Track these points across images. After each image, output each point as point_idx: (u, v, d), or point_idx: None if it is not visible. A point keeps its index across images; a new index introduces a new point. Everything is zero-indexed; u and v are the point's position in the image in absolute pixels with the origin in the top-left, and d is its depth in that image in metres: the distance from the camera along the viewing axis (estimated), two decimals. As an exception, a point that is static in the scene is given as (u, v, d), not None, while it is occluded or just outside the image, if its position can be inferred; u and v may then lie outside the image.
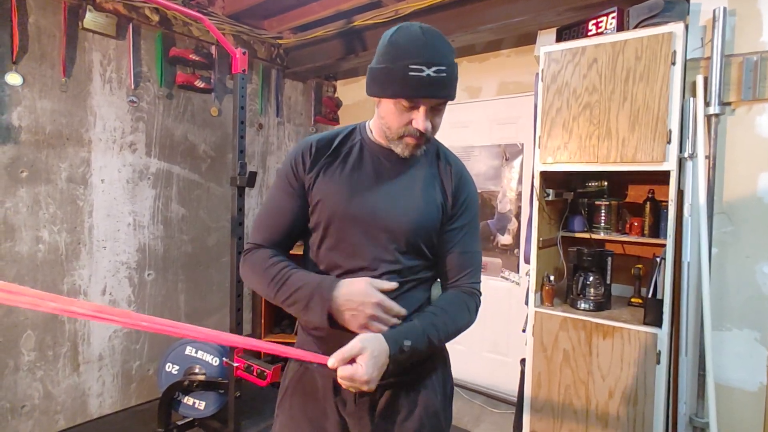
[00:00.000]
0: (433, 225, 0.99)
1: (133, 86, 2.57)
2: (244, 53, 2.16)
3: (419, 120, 0.89)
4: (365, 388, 0.82)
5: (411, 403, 0.99)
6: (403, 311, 0.91)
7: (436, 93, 0.87)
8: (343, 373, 0.81)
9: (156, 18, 2.65)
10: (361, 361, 0.81)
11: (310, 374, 1.00)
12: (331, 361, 0.82)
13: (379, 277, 0.93)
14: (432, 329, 0.91)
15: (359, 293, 0.87)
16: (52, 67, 2.28)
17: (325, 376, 0.97)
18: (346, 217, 0.94)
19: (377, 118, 0.98)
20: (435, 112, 0.91)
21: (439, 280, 1.06)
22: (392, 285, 0.91)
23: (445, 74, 0.86)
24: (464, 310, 0.98)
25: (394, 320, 0.89)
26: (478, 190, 3.04)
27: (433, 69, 0.85)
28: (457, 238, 1.02)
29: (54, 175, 2.31)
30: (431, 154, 1.05)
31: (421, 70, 0.84)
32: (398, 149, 0.94)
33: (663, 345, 1.78)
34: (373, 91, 0.93)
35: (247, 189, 2.24)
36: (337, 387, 0.96)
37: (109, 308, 0.71)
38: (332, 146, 1.00)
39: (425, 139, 0.93)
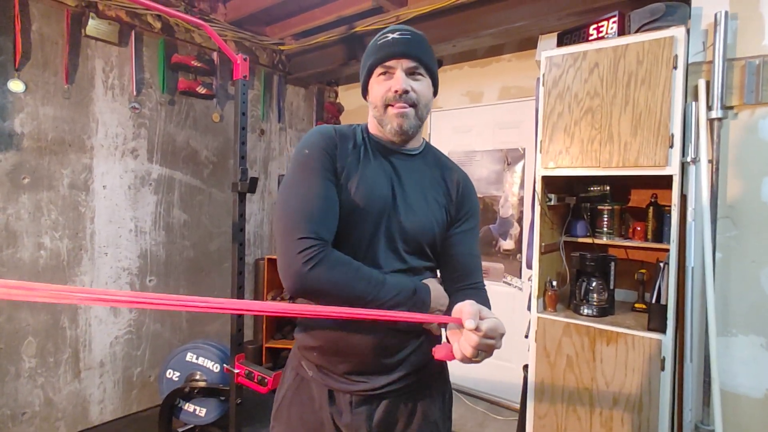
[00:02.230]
0: (439, 228, 1.00)
1: (135, 93, 2.58)
2: (245, 59, 2.16)
3: (396, 81, 0.94)
4: (499, 344, 0.74)
5: (410, 412, 0.97)
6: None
7: (402, 49, 0.94)
8: (488, 325, 0.71)
9: (158, 25, 2.67)
10: (489, 314, 0.74)
11: (306, 384, 0.98)
12: (470, 323, 0.70)
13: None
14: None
15: (441, 295, 0.95)
16: (54, 74, 2.29)
17: (321, 385, 0.96)
18: (364, 212, 0.93)
19: (370, 114, 1.02)
20: (413, 78, 0.96)
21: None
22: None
23: (409, 36, 0.96)
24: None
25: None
26: (481, 195, 3.05)
27: (398, 33, 0.97)
28: (465, 240, 1.03)
29: (56, 181, 2.32)
30: (432, 158, 1.07)
31: (387, 37, 0.97)
32: (388, 127, 0.96)
33: (667, 351, 1.76)
34: (361, 80, 1.03)
35: (249, 195, 2.24)
36: (332, 397, 0.95)
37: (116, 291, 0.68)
38: (346, 138, 0.99)
39: (410, 103, 0.95)
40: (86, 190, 2.43)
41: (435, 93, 1.02)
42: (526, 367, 2.21)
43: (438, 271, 1.07)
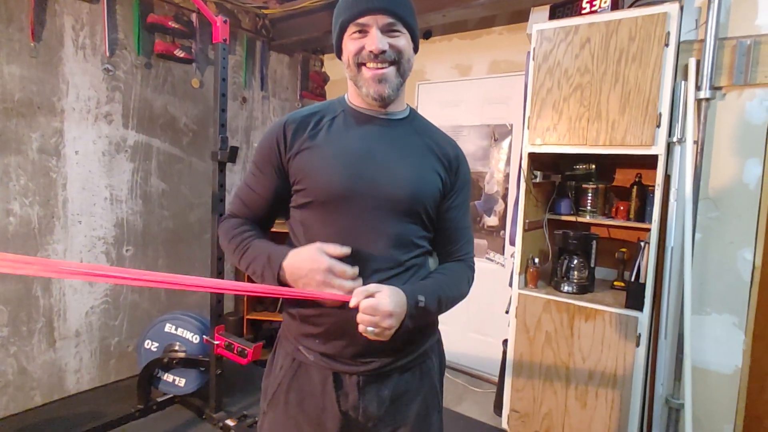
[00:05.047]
0: (433, 194, 0.95)
1: (108, 54, 2.45)
2: (225, 21, 2.06)
3: (371, 40, 0.87)
4: (386, 323, 0.79)
5: (416, 386, 0.97)
6: (356, 272, 0.84)
7: (376, 4, 0.86)
8: (366, 303, 0.79)
9: (133, -19, 2.51)
10: (381, 295, 0.80)
11: (306, 369, 0.94)
12: (353, 300, 0.80)
13: (385, 251, 0.89)
14: (441, 292, 0.91)
15: (307, 260, 0.83)
16: (20, 30, 2.14)
17: (324, 369, 0.92)
18: (343, 192, 0.88)
19: (347, 75, 0.94)
20: (391, 35, 0.88)
21: (435, 253, 1.04)
22: (344, 250, 0.84)
23: None
24: (464, 281, 1.00)
25: (350, 284, 0.83)
26: (466, 171, 3.02)
27: None
28: (459, 214, 1.01)
29: (24, 145, 2.20)
30: (419, 125, 1.01)
31: None
32: (364, 90, 0.90)
33: (643, 328, 1.80)
34: (333, 40, 0.95)
35: (230, 164, 2.18)
36: (337, 380, 0.92)
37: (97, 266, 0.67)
38: (313, 120, 0.94)
39: (390, 60, 0.88)
40: (57, 155, 2.32)
41: (416, 50, 0.95)
42: (505, 341, 2.24)
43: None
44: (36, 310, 2.31)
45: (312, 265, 0.82)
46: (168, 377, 2.37)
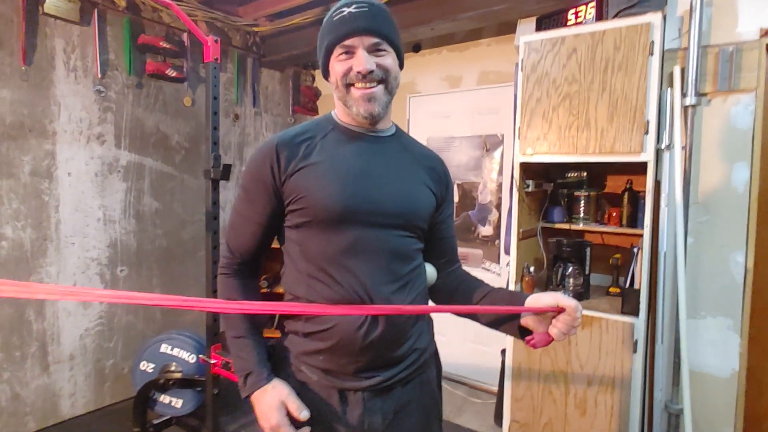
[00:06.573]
0: (427, 208, 0.99)
1: (99, 75, 2.45)
2: (216, 41, 2.07)
3: (358, 61, 0.88)
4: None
5: (417, 397, 0.98)
6: None
7: (361, 25, 0.87)
8: (581, 307, 0.90)
9: (123, 3, 2.53)
10: (568, 299, 0.89)
11: (308, 389, 0.93)
12: (580, 312, 0.90)
13: (386, 266, 0.90)
14: None
15: (265, 405, 0.88)
16: (10, 54, 2.15)
17: (327, 387, 0.91)
18: (343, 210, 0.88)
19: (335, 96, 0.96)
20: (377, 55, 0.89)
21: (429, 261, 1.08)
22: (304, 415, 0.87)
23: (366, 9, 0.88)
24: None
25: None
26: (459, 182, 3.05)
27: (354, 6, 0.88)
28: (451, 223, 1.09)
29: (16, 168, 2.20)
30: (405, 142, 1.04)
31: (343, 11, 0.88)
32: (354, 109, 0.91)
33: (640, 334, 1.80)
34: (320, 61, 0.95)
35: (223, 182, 2.18)
36: (343, 397, 0.91)
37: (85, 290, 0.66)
38: (304, 139, 0.94)
39: (378, 79, 0.90)
40: (49, 177, 2.31)
41: (401, 66, 0.97)
42: (503, 351, 2.24)
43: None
44: (29, 334, 2.28)
45: (267, 412, 0.87)
46: (164, 398, 2.33)
